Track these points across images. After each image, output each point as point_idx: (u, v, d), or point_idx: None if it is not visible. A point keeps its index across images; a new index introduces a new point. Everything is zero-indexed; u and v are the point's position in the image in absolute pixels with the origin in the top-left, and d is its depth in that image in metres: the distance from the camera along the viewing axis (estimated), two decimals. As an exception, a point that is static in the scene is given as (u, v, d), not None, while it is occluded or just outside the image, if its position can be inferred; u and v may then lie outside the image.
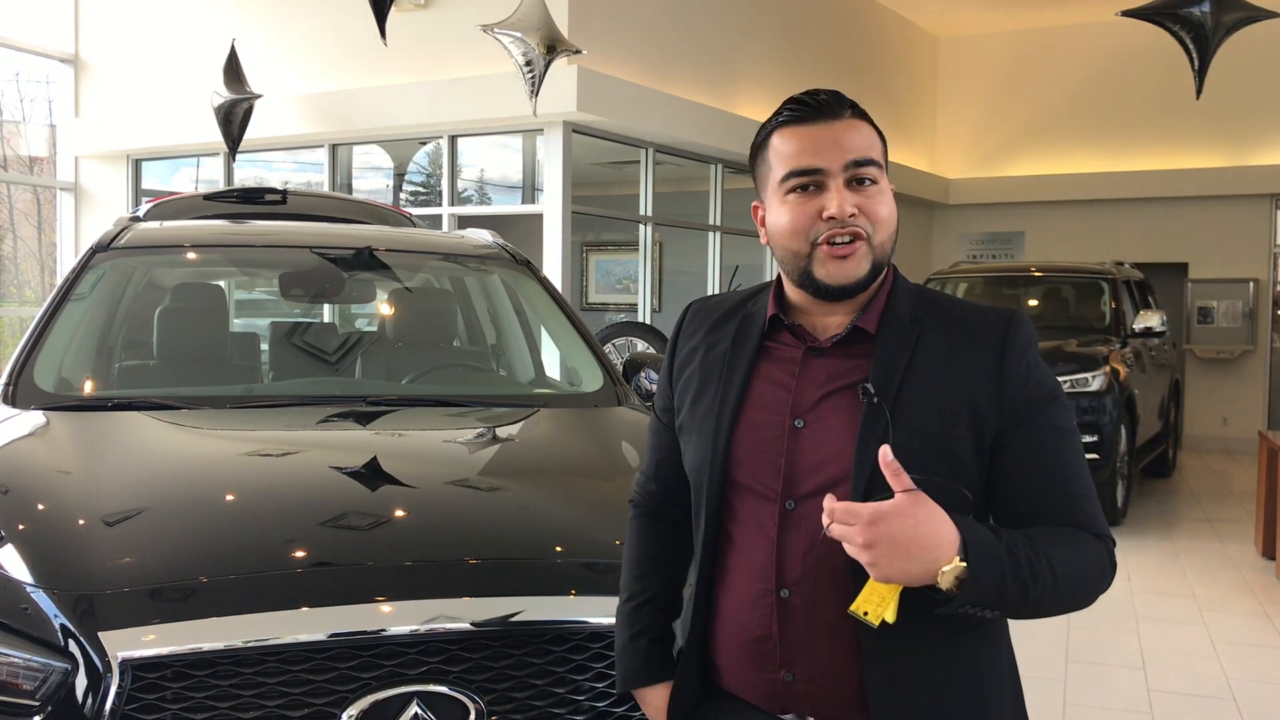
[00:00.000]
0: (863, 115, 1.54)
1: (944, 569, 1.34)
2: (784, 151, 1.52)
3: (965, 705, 1.49)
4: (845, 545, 1.35)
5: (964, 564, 1.34)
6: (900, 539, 1.32)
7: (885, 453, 1.37)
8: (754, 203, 1.61)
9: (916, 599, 1.38)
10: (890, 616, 1.37)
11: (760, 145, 1.57)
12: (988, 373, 1.49)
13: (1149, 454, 9.32)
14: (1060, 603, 1.44)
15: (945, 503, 1.38)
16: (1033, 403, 1.49)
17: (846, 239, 1.48)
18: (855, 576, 1.40)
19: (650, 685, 1.68)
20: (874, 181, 1.50)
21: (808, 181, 1.50)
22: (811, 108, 1.51)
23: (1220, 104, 11.88)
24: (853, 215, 1.48)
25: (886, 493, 1.37)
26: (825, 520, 1.37)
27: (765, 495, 1.52)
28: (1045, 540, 1.43)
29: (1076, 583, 1.44)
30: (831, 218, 1.48)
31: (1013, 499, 1.50)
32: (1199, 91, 6.25)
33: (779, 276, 1.62)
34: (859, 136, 1.51)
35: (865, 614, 1.37)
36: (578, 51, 7.22)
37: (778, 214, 1.53)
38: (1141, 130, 12.73)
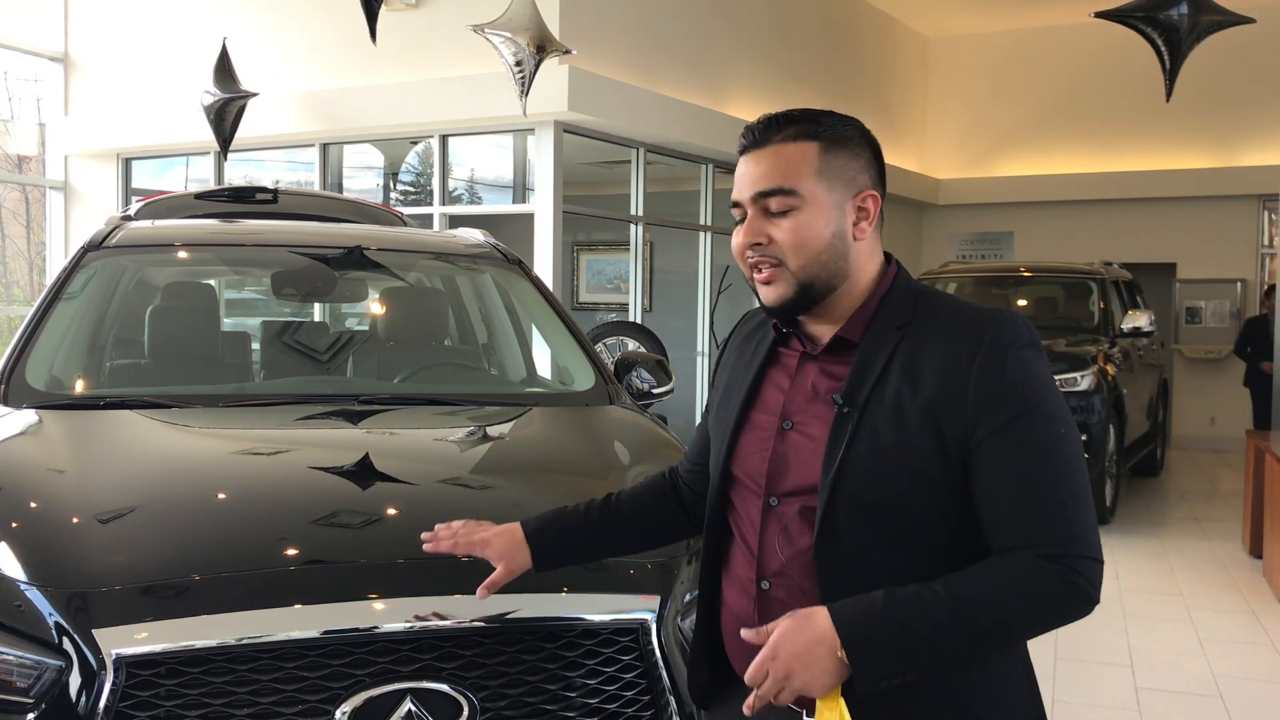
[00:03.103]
0: (805, 135, 1.53)
1: (838, 649, 1.38)
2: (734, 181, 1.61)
3: (951, 714, 1.49)
4: (781, 694, 1.40)
5: (835, 633, 1.38)
6: (800, 651, 1.39)
7: (747, 634, 1.44)
8: None
9: None
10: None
11: None
12: (957, 376, 1.46)
13: (1137, 453, 9.36)
14: (991, 639, 1.41)
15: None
16: (1004, 409, 1.44)
17: (764, 265, 1.55)
18: (818, 569, 1.48)
19: (521, 524, 1.84)
20: (790, 209, 1.52)
21: (738, 213, 1.59)
22: (747, 138, 1.58)
23: (1208, 105, 11.94)
24: (759, 244, 1.54)
25: (852, 498, 1.46)
26: (751, 701, 1.42)
27: (754, 491, 1.60)
28: (958, 582, 1.40)
29: (1005, 620, 1.40)
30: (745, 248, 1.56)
31: (983, 516, 1.46)
32: (1169, 94, 6.29)
33: None
34: (775, 163, 1.53)
35: None
36: (568, 52, 7.23)
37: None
38: (1130, 131, 12.78)
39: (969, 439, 1.45)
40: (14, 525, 2.13)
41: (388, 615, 1.93)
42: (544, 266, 8.37)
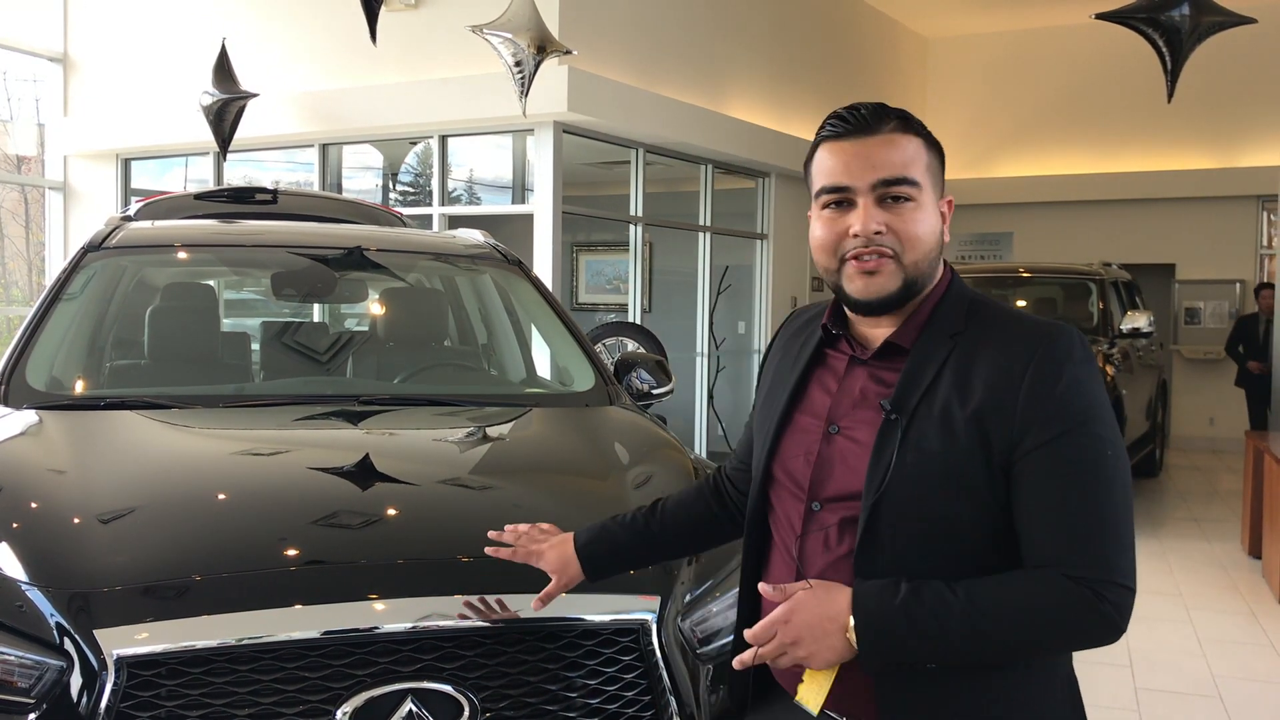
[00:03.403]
0: (910, 129, 1.53)
1: (848, 630, 1.40)
2: (821, 167, 1.54)
3: None
4: (782, 658, 1.42)
5: (850, 615, 1.40)
6: (812, 622, 1.41)
7: (765, 589, 1.46)
8: (809, 212, 1.63)
9: None
10: (818, 702, 1.46)
11: (808, 158, 1.60)
12: (1008, 387, 1.43)
13: (1136, 454, 9.36)
14: (1000, 648, 1.40)
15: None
16: (1052, 425, 1.41)
17: (872, 255, 1.49)
18: (859, 575, 1.46)
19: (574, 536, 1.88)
20: (909, 199, 1.50)
21: (839, 198, 1.52)
22: (849, 124, 1.52)
23: (1208, 106, 11.95)
24: (879, 233, 1.49)
25: (895, 508, 1.45)
26: (748, 657, 1.45)
27: (796, 495, 1.59)
28: (979, 589, 1.39)
29: (1018, 634, 1.39)
30: (857, 235, 1.50)
31: (1020, 530, 1.44)
32: (1170, 95, 6.29)
33: None
34: (895, 153, 1.50)
35: (806, 703, 1.47)
36: (568, 52, 7.23)
37: (814, 228, 1.57)
38: (1129, 132, 12.78)
39: (1013, 450, 1.42)
40: (15, 526, 2.14)
41: (388, 615, 1.94)
42: (543, 267, 8.37)
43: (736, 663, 1.48)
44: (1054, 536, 1.40)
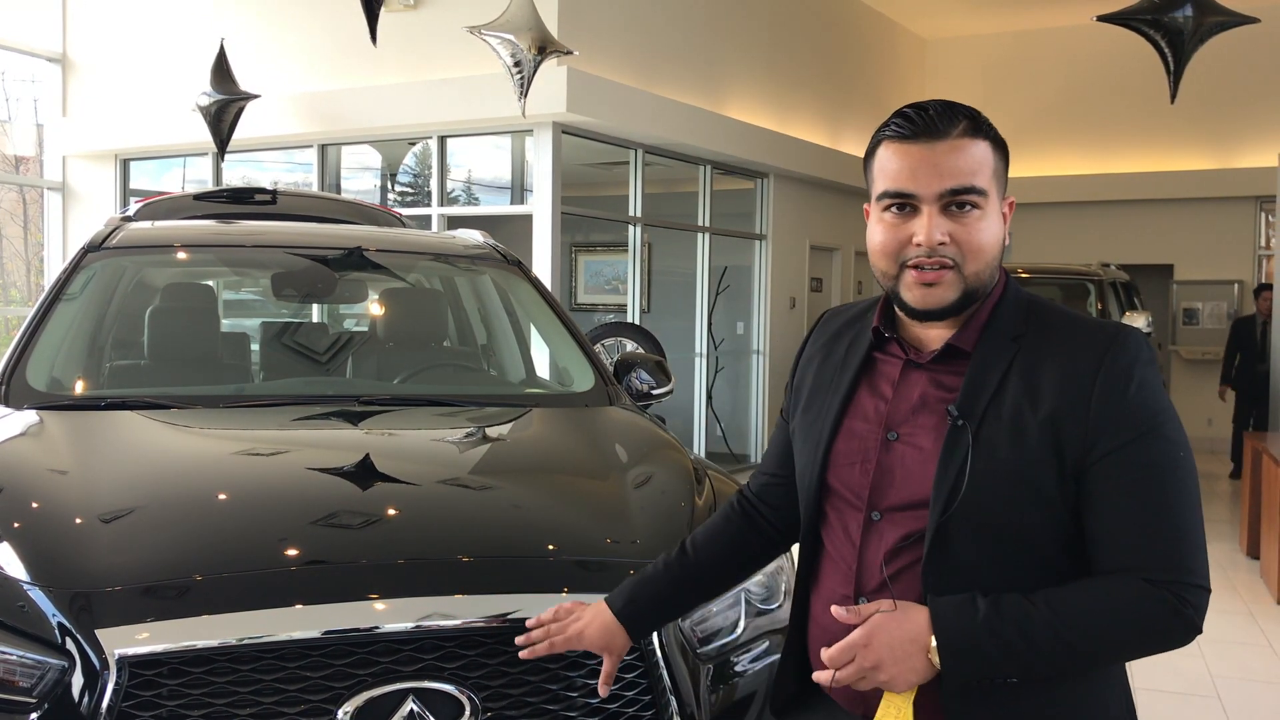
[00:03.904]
0: (978, 132, 1.48)
1: (930, 651, 1.37)
2: (885, 168, 1.49)
3: None
4: (861, 681, 1.39)
5: (933, 635, 1.37)
6: (893, 645, 1.37)
7: (839, 611, 1.42)
8: (865, 205, 1.58)
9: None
10: None
11: (870, 153, 1.55)
12: (1079, 391, 1.41)
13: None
14: (1085, 657, 1.39)
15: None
16: (1124, 429, 1.40)
17: (934, 266, 1.46)
18: (926, 586, 1.43)
19: (607, 602, 1.79)
20: (975, 207, 1.46)
21: (902, 203, 1.48)
22: (916, 125, 1.47)
23: (1206, 107, 11.96)
24: (943, 244, 1.45)
25: (966, 516, 1.41)
26: (825, 678, 1.41)
27: (853, 504, 1.54)
28: (1061, 599, 1.38)
29: (1102, 641, 1.38)
30: (919, 244, 1.46)
31: (1092, 535, 1.42)
32: (1173, 96, 6.30)
33: None
34: (963, 160, 1.45)
35: None
36: (568, 52, 7.23)
37: (873, 230, 1.52)
38: (1128, 133, 12.80)
39: (1086, 456, 1.41)
40: (16, 526, 2.14)
41: (389, 615, 1.94)
42: (542, 267, 8.38)
43: (816, 678, 1.43)
44: (1132, 541, 1.39)
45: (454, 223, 9.04)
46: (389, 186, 10.11)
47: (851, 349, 1.63)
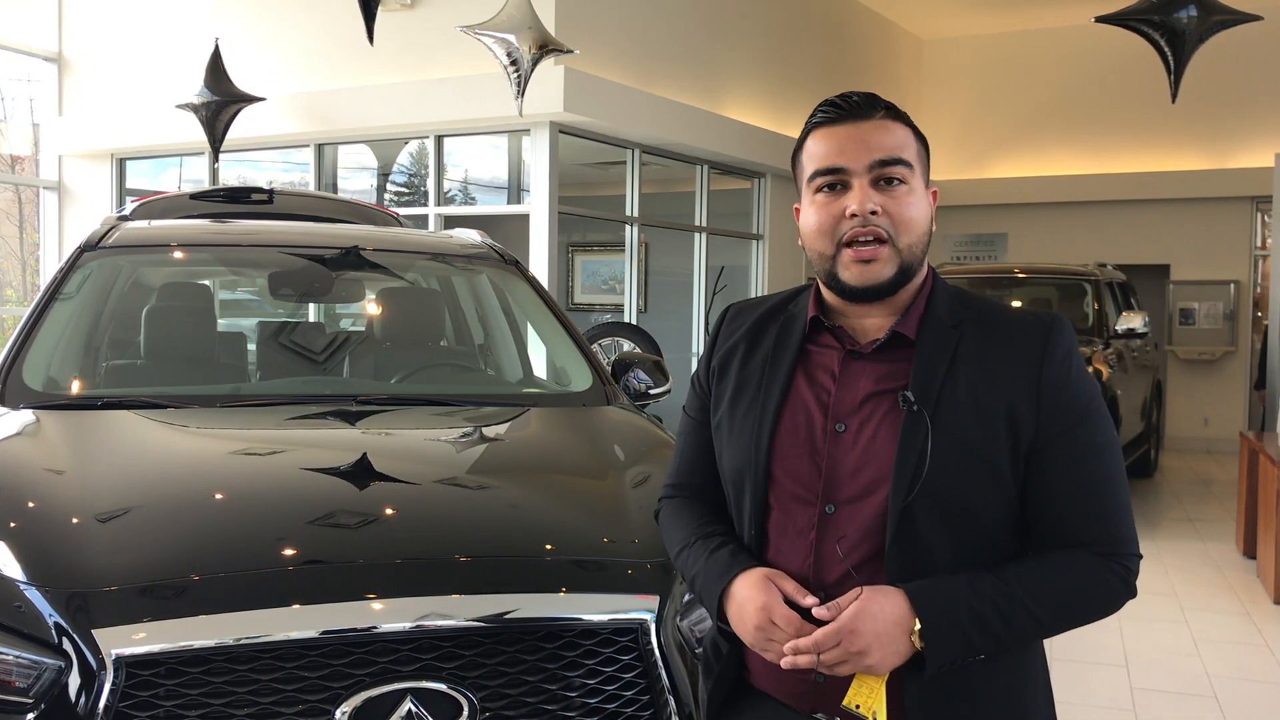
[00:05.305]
0: (899, 117, 1.55)
1: (912, 633, 1.40)
2: (814, 152, 1.54)
3: (1003, 713, 1.51)
4: (842, 665, 1.40)
5: (917, 618, 1.40)
6: (880, 630, 1.40)
7: (820, 611, 1.42)
8: (795, 205, 1.61)
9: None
10: (881, 708, 1.42)
11: (797, 148, 1.59)
12: (1027, 380, 1.48)
13: (1131, 454, 9.37)
14: (1048, 630, 1.48)
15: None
16: (1069, 415, 1.48)
17: (869, 239, 1.49)
18: (889, 573, 1.45)
19: (742, 572, 1.54)
20: (902, 181, 1.51)
21: (834, 180, 1.51)
22: (842, 109, 1.53)
23: (1202, 107, 11.97)
24: (875, 214, 1.48)
25: (928, 500, 1.44)
26: (807, 662, 1.41)
27: (804, 498, 1.53)
28: (1028, 575, 1.45)
29: (1065, 614, 1.48)
30: (854, 215, 1.49)
31: (1041, 514, 1.50)
32: (1174, 96, 6.31)
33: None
34: (888, 137, 1.51)
35: (857, 707, 1.43)
36: (568, 51, 7.23)
37: (807, 214, 1.55)
38: (1124, 133, 12.81)
39: (1035, 438, 1.47)
40: (13, 525, 2.13)
41: (387, 615, 1.93)
42: (539, 267, 8.37)
43: (786, 663, 1.42)
44: (1081, 518, 1.48)
45: (451, 222, 9.03)
46: (385, 186, 10.10)
47: (781, 341, 1.62)
